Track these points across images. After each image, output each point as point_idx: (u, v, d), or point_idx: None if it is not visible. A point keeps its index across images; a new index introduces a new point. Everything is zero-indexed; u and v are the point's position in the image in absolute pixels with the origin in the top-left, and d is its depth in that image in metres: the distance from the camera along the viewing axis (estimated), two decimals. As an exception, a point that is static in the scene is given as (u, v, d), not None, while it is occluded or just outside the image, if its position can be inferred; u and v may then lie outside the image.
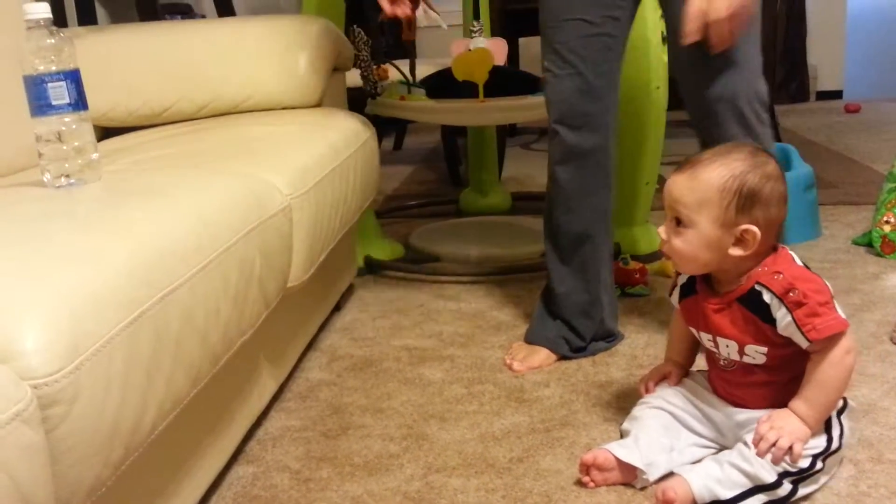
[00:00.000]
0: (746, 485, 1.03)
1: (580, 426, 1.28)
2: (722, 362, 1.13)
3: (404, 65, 2.29)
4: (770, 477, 1.02)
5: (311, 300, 1.59)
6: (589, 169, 1.48)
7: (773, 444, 1.02)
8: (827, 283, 1.06)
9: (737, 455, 1.05)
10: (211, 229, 0.99)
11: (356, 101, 2.09)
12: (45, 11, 1.08)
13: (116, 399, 0.74)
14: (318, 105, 1.80)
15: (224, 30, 1.90)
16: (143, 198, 1.05)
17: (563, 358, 1.52)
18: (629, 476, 1.11)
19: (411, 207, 2.75)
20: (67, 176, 1.10)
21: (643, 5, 1.61)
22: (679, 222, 1.08)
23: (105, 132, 1.77)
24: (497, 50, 2.09)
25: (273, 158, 1.34)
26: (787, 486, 1.03)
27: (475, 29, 2.21)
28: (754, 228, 1.03)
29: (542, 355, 1.51)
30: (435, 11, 2.15)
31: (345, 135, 1.60)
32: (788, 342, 1.05)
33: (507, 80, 2.10)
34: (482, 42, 2.10)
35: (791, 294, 1.03)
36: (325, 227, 1.38)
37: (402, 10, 1.55)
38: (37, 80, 1.07)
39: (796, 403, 1.05)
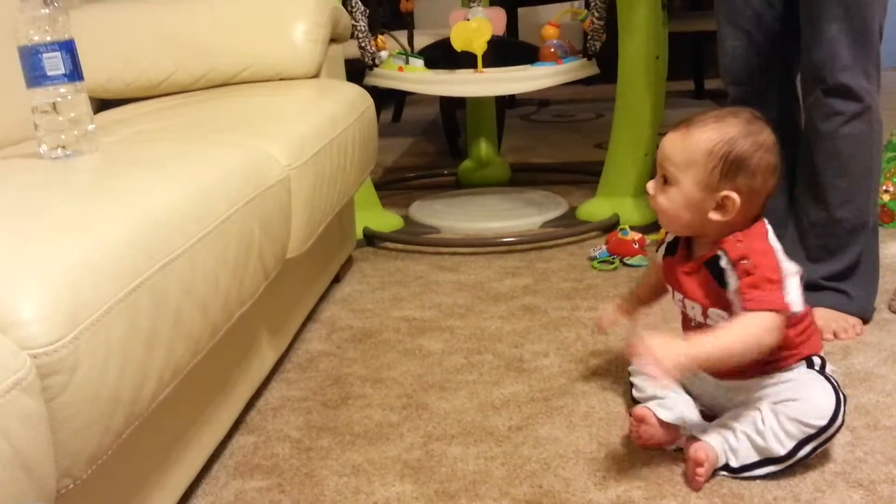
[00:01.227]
0: (755, 457, 1.04)
1: (579, 395, 1.29)
2: (693, 323, 1.15)
3: (402, 35, 2.27)
4: (782, 450, 1.03)
5: (311, 271, 1.59)
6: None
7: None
8: (790, 266, 1.04)
9: (752, 427, 1.05)
10: (209, 200, 0.99)
11: (354, 73, 2.08)
12: (38, -19, 1.07)
13: (116, 368, 0.74)
14: (316, 76, 1.79)
15: (221, 0, 1.88)
16: (140, 168, 1.05)
17: None
18: (671, 436, 1.11)
19: (410, 179, 2.75)
20: (64, 147, 1.10)
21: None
22: (666, 180, 1.08)
23: (102, 104, 1.76)
24: (496, 20, 2.07)
25: (271, 129, 1.34)
26: (801, 455, 1.03)
27: (474, -2, 2.19)
28: (734, 195, 1.03)
29: None
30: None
31: (343, 105, 1.59)
32: None
33: (506, 51, 2.09)
34: (481, 12, 2.08)
35: (743, 262, 1.03)
36: (323, 198, 1.37)
37: None
38: (32, 50, 1.06)
39: (693, 338, 1.02)
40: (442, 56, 2.07)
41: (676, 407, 1.12)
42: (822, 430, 1.03)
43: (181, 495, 1.04)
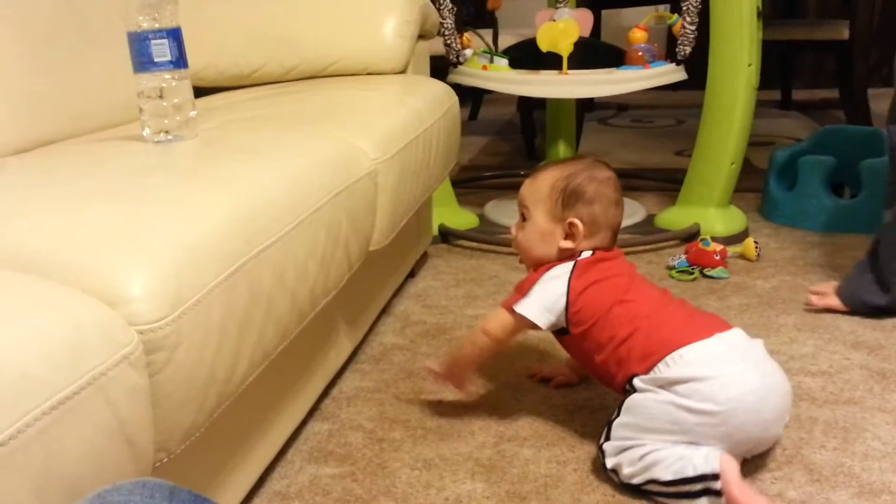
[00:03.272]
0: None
1: (654, 405, 1.27)
2: None
3: (487, 34, 2.28)
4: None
5: (388, 265, 1.61)
6: None
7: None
8: (555, 292, 1.15)
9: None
10: (303, 189, 1.01)
11: (437, 69, 2.09)
12: (148, -30, 1.10)
13: (213, 348, 0.76)
14: (403, 71, 1.80)
15: (313, -6, 1.91)
16: (238, 155, 1.08)
17: (852, 313, 1.57)
18: None
19: (486, 178, 2.75)
20: (167, 132, 1.13)
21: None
22: (524, 218, 1.23)
23: (195, 91, 1.81)
24: (583, 21, 2.05)
25: (360, 122, 1.36)
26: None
27: (561, -1, 2.17)
28: (577, 221, 1.17)
29: (837, 302, 1.58)
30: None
31: (429, 102, 1.61)
32: (562, 330, 1.18)
33: (592, 53, 2.07)
34: (567, 13, 2.07)
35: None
36: (407, 193, 1.39)
37: None
38: (140, 36, 1.10)
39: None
40: (526, 56, 2.06)
41: None
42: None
43: (259, 476, 1.07)
